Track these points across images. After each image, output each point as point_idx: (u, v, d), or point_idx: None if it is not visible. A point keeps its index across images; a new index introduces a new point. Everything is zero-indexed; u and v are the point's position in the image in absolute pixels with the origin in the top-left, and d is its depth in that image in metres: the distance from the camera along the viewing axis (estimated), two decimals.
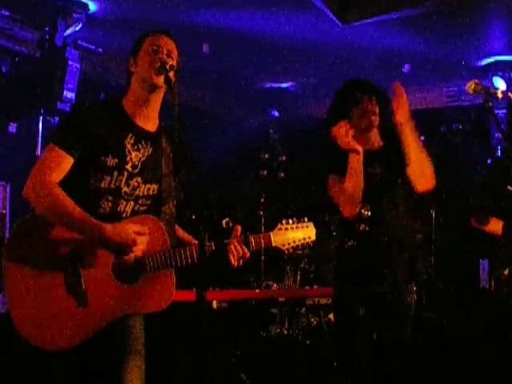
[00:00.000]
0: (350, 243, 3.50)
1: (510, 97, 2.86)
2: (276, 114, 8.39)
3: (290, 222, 2.76)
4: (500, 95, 2.87)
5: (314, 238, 2.77)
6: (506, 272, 3.89)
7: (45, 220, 2.54)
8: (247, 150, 7.44)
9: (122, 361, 2.55)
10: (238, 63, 7.06)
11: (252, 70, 7.34)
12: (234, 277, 5.42)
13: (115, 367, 2.54)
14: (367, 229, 3.43)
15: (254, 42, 6.50)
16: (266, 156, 6.88)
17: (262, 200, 5.91)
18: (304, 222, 2.77)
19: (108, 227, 2.49)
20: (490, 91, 2.91)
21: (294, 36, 6.35)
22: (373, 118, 3.48)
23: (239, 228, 2.72)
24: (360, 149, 3.31)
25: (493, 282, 4.18)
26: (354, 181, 3.34)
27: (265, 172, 6.76)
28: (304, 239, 2.75)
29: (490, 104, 2.89)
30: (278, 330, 5.54)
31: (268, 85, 8.00)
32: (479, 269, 6.41)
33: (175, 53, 2.72)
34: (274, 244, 2.72)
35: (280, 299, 5.04)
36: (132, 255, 2.52)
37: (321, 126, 3.58)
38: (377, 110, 3.48)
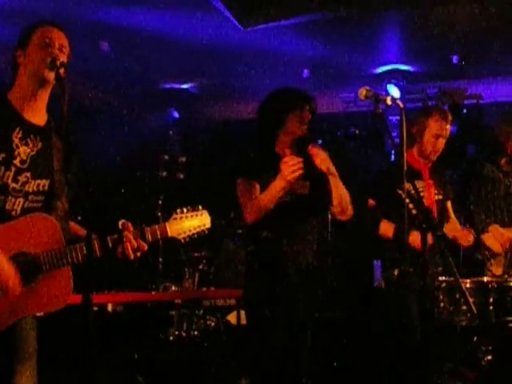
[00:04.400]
0: (252, 248, 3.56)
1: (398, 104, 2.95)
2: (176, 114, 8.35)
3: (185, 210, 2.74)
4: (389, 102, 2.96)
5: (209, 225, 2.76)
6: (396, 272, 4.02)
7: None
8: (146, 150, 7.35)
9: (14, 364, 2.49)
10: (139, 63, 6.97)
11: (152, 70, 7.27)
12: (130, 279, 5.35)
13: (7, 371, 2.48)
14: (270, 235, 3.47)
15: (155, 42, 6.45)
16: (166, 157, 6.81)
17: (160, 202, 5.86)
18: (198, 209, 2.76)
19: None
20: (380, 98, 2.99)
21: (196, 37, 6.35)
22: (305, 127, 3.56)
23: (130, 224, 2.67)
24: (292, 182, 3.35)
25: (383, 282, 4.32)
26: (271, 200, 3.37)
27: (164, 173, 6.70)
28: (199, 227, 2.74)
29: (381, 110, 2.98)
30: (177, 333, 5.50)
31: (168, 85, 7.95)
32: (373, 269, 6.60)
33: (67, 47, 2.66)
34: (170, 234, 2.69)
35: (177, 301, 5.01)
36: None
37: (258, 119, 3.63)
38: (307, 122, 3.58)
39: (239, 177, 3.55)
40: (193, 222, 2.73)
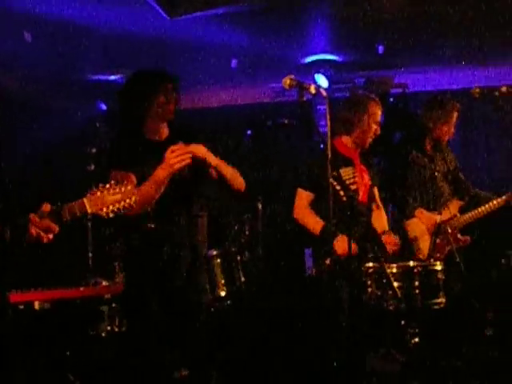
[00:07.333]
0: (136, 241, 3.44)
1: (321, 92, 2.97)
2: (103, 106, 8.19)
3: (107, 186, 2.65)
4: (313, 90, 2.97)
5: (134, 198, 2.66)
6: (328, 261, 4.06)
7: None
8: (73, 143, 7.19)
9: None
10: (64, 54, 6.78)
11: (78, 61, 7.10)
12: (59, 276, 5.23)
13: None
14: (154, 227, 3.37)
15: (80, 33, 6.28)
16: (93, 150, 6.66)
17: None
18: (122, 184, 2.67)
19: None
20: (304, 86, 3.00)
21: (121, 27, 6.22)
22: (172, 108, 3.50)
23: (48, 205, 2.58)
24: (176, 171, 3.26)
25: (315, 270, 4.36)
26: (155, 191, 3.27)
27: (92, 167, 6.55)
28: (124, 201, 2.64)
29: (305, 99, 2.99)
30: (109, 328, 5.40)
31: (95, 77, 7.77)
32: (304, 257, 6.65)
33: None
34: (90, 210, 2.60)
35: (106, 296, 4.93)
36: None
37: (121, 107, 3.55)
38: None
39: (113, 168, 3.40)
40: (116, 197, 2.63)
